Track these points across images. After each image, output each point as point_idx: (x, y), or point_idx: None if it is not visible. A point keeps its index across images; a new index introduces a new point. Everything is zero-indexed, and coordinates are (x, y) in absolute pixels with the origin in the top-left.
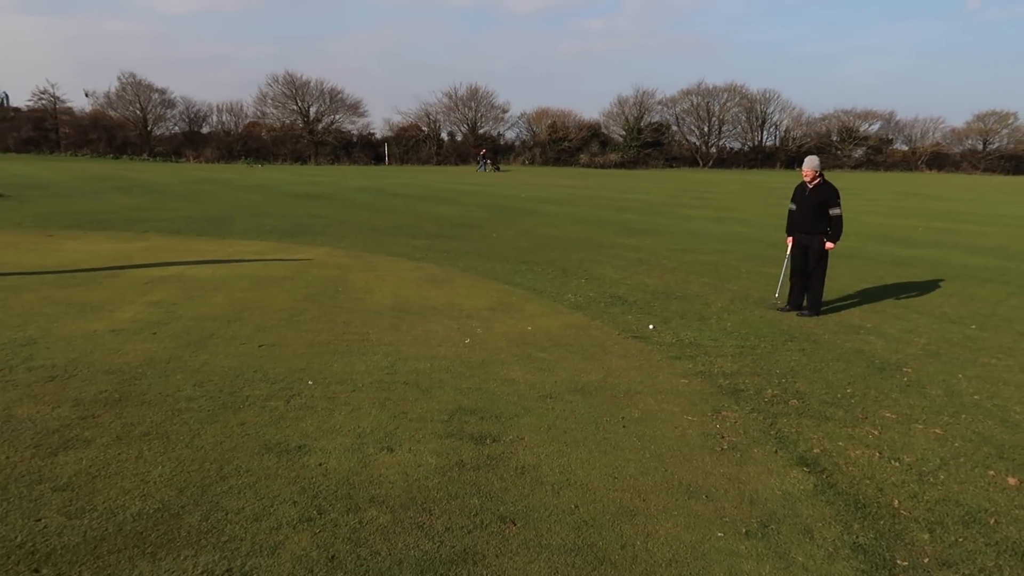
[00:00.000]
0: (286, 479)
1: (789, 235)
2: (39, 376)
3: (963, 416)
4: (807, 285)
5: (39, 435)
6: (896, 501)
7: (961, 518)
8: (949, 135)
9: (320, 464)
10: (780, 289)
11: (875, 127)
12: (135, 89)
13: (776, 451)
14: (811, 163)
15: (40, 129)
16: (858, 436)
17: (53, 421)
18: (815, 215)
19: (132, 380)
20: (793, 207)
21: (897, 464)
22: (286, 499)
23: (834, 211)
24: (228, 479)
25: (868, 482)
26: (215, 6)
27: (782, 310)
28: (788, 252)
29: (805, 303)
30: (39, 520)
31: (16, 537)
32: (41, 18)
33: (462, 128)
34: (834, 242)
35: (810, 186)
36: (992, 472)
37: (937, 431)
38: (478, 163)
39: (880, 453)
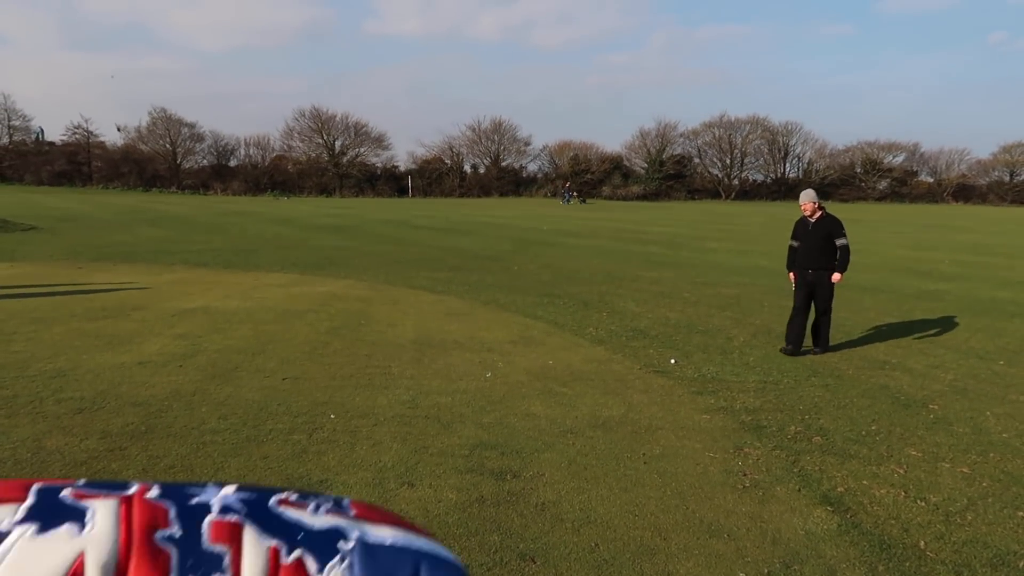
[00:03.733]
0: None
1: (791, 271)
2: (68, 408)
3: (991, 455)
4: (816, 322)
5: (67, 467)
6: (922, 542)
7: (989, 560)
8: (975, 167)
9: None
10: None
11: (899, 159)
12: (165, 123)
13: (799, 489)
14: (808, 195)
15: (73, 163)
16: (883, 475)
17: (81, 453)
18: (822, 249)
19: (158, 412)
20: (795, 244)
21: (923, 504)
22: None
23: (840, 241)
24: None
25: (893, 522)
26: (251, 43)
27: (785, 351)
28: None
29: (813, 343)
30: None
31: None
32: (84, 55)
33: (485, 161)
34: (842, 273)
35: (812, 220)
36: (1021, 513)
37: (964, 470)
38: (563, 196)
39: (906, 492)
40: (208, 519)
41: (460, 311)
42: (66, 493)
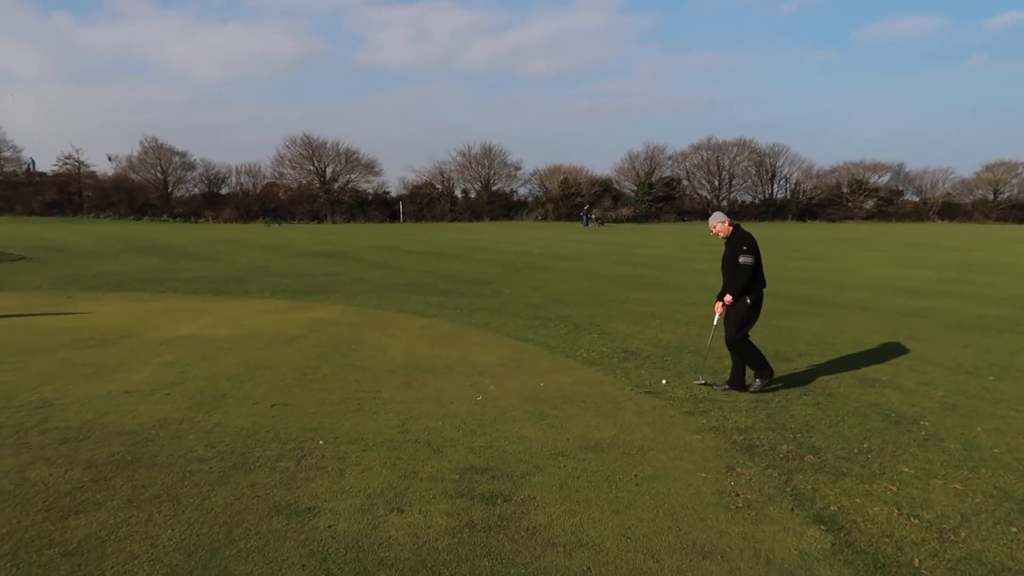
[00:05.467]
0: (295, 542)
1: (719, 300)
2: (53, 438)
3: (983, 470)
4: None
5: (51, 498)
6: (916, 560)
7: None
8: (959, 185)
9: (329, 526)
10: (705, 365)
11: (885, 179)
12: (156, 152)
13: (792, 509)
14: (713, 218)
15: (64, 193)
16: (876, 492)
17: (65, 484)
18: (730, 272)
19: (144, 442)
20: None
21: (916, 521)
22: (295, 563)
23: (742, 259)
24: (237, 542)
25: (887, 540)
26: (245, 74)
27: (720, 388)
28: (715, 320)
29: (729, 378)
30: None
31: None
32: (79, 87)
33: (475, 185)
34: (731, 294)
35: (727, 242)
36: (1015, 528)
37: (957, 486)
38: (582, 219)
39: (899, 510)
40: None
41: (451, 335)
42: None
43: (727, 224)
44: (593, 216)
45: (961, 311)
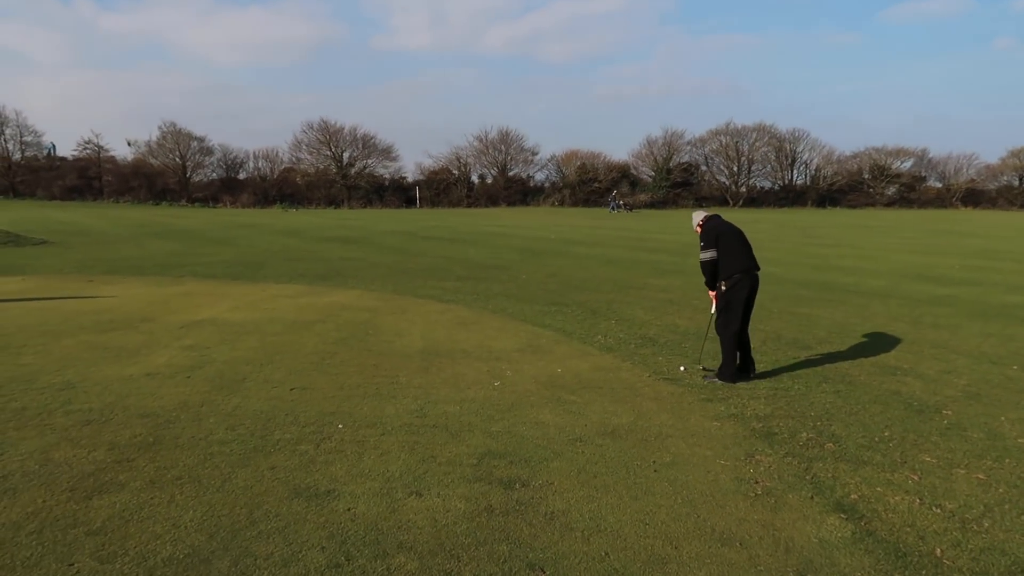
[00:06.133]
0: (315, 524)
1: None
2: (76, 420)
3: (1007, 460)
4: (742, 345)
5: (75, 479)
6: (938, 550)
7: (1008, 568)
8: (984, 171)
9: (349, 509)
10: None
11: (907, 164)
12: (175, 137)
13: (812, 497)
14: (693, 219)
15: (84, 177)
16: (897, 481)
17: (89, 465)
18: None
19: (166, 424)
20: None
21: (939, 511)
22: (314, 545)
23: (702, 255)
24: (257, 524)
25: (909, 530)
26: (263, 59)
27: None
28: (712, 309)
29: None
30: (72, 564)
31: None
32: (98, 72)
33: (492, 171)
34: (707, 287)
35: None
36: None
37: (980, 476)
38: (609, 205)
39: (920, 499)
40: None
41: (468, 320)
42: None
43: (703, 218)
44: (621, 202)
45: (985, 299)
